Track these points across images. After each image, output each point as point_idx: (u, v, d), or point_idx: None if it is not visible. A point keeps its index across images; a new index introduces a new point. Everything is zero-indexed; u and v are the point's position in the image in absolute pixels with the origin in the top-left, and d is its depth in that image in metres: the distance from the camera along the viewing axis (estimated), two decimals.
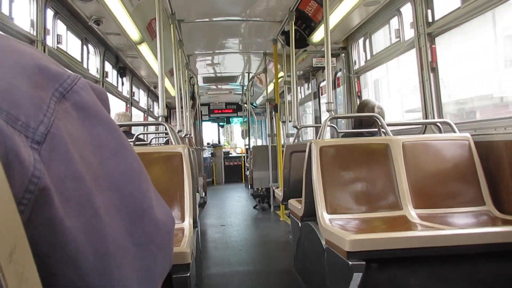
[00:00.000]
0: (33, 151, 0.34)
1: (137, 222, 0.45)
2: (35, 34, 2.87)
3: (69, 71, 0.42)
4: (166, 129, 2.68)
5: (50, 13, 3.17)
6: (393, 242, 1.73)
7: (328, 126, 2.68)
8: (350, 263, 1.70)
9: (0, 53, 0.36)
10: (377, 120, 2.72)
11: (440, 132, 2.80)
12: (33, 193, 0.32)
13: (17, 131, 0.33)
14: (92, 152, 0.41)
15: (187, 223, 2.02)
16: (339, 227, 2.04)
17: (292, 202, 3.13)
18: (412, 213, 2.23)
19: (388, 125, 2.71)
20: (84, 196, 0.38)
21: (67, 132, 0.37)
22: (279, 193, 4.11)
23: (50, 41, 3.14)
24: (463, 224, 2.16)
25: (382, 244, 1.72)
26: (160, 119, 2.67)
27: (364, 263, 1.70)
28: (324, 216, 2.16)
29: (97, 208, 0.39)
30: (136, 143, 3.50)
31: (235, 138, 16.03)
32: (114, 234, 0.41)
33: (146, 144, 4.49)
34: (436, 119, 3.07)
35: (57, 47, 3.32)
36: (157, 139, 5.51)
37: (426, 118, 3.21)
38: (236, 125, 14.80)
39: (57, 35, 3.33)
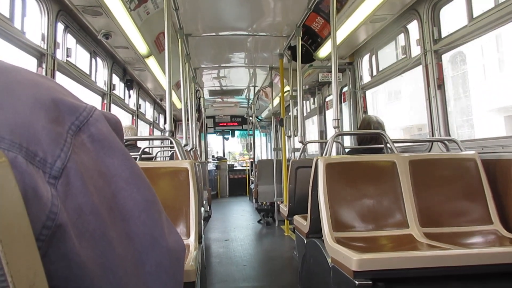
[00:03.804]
0: (50, 186, 0.34)
1: (149, 251, 0.44)
2: (45, 47, 2.91)
3: (85, 103, 0.42)
4: (172, 142, 2.69)
5: (60, 27, 3.21)
6: (400, 262, 1.71)
7: (334, 142, 2.67)
8: (356, 282, 1.68)
9: (17, 87, 0.36)
10: (383, 137, 2.72)
11: (447, 149, 2.79)
12: (50, 229, 0.32)
13: (35, 167, 0.33)
14: (106, 182, 0.41)
15: (192, 239, 2.01)
16: (345, 245, 2.02)
17: (298, 218, 3.11)
18: (419, 232, 2.21)
19: (394, 142, 2.70)
20: (98, 229, 0.38)
21: (82, 165, 0.38)
22: (284, 208, 4.09)
23: (59, 54, 3.18)
24: (470, 244, 2.13)
25: (389, 264, 1.71)
26: (167, 134, 2.67)
27: (370, 282, 1.68)
28: (330, 234, 2.14)
29: (110, 240, 0.39)
30: (142, 156, 3.50)
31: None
32: (126, 265, 0.41)
33: (151, 158, 4.50)
34: (443, 137, 3.06)
35: (67, 60, 3.35)
36: (162, 152, 5.51)
37: (433, 135, 3.20)
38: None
39: (67, 48, 3.37)
